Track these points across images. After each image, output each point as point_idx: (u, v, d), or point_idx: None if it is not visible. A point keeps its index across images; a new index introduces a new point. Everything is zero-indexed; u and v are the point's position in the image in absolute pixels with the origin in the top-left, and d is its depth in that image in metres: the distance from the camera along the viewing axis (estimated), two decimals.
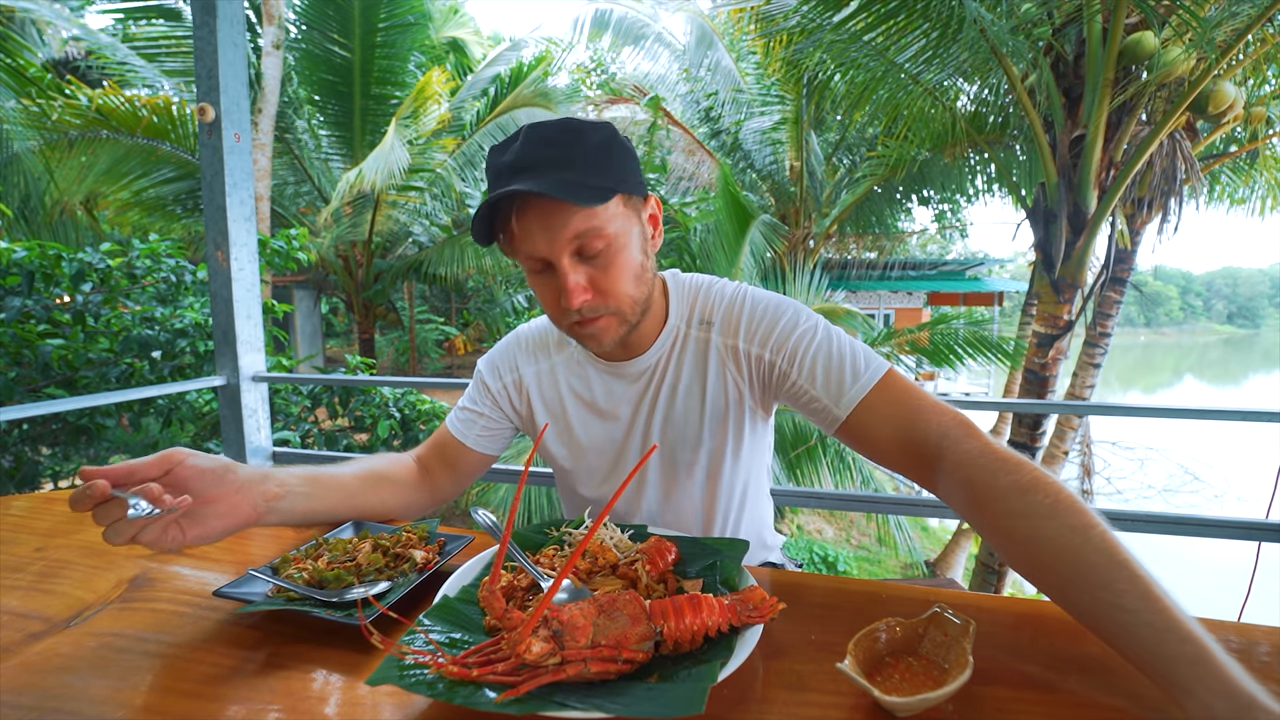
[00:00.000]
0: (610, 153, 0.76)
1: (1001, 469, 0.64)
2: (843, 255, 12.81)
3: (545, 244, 0.75)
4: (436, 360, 14.52)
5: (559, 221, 0.73)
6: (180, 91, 7.03)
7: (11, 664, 0.60)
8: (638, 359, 0.92)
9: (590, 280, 0.77)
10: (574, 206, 0.73)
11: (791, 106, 8.26)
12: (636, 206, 0.82)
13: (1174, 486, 8.69)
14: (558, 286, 0.77)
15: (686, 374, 0.92)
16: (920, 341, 4.86)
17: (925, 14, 3.61)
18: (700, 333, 0.91)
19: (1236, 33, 3.18)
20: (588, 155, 0.74)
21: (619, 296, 0.79)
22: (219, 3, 1.99)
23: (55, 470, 3.39)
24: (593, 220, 0.74)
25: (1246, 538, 1.49)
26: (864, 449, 0.81)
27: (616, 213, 0.77)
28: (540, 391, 0.99)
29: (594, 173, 0.74)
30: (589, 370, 0.96)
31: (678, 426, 0.93)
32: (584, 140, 0.75)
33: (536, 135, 0.74)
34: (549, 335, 1.00)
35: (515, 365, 1.00)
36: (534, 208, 0.74)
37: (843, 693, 0.54)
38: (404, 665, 0.52)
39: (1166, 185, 4.00)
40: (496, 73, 9.63)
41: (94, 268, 3.26)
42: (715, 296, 0.92)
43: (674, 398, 0.92)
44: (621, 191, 0.77)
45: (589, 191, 0.72)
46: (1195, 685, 0.45)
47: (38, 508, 1.06)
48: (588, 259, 0.77)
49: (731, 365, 0.89)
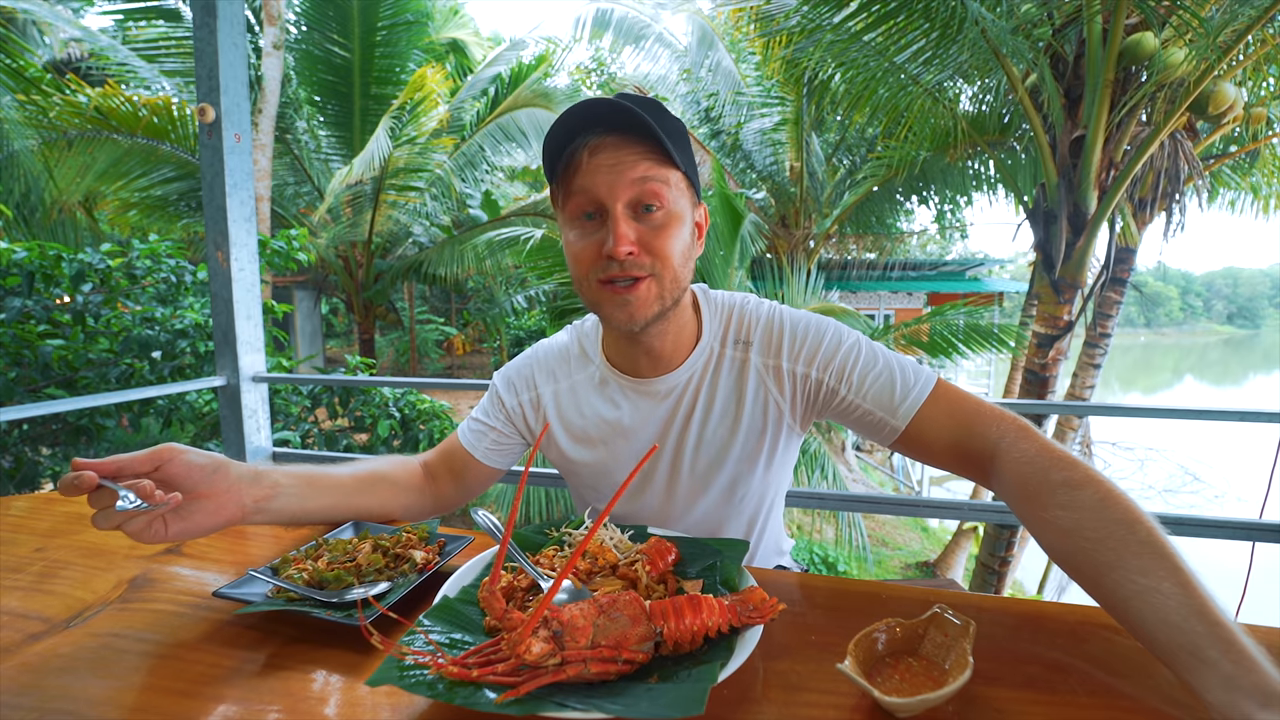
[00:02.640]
0: (685, 136, 0.80)
1: (1055, 466, 0.66)
2: (843, 256, 12.81)
3: (607, 185, 0.74)
4: (436, 360, 14.53)
5: (628, 164, 0.74)
6: (180, 92, 7.03)
7: (11, 664, 0.60)
8: (667, 376, 0.89)
9: (640, 237, 0.76)
10: (646, 154, 0.74)
11: (792, 107, 8.26)
12: (692, 200, 0.83)
13: (1174, 487, 8.68)
14: (602, 238, 0.76)
15: (722, 394, 0.89)
16: (919, 334, 4.83)
17: (925, 14, 3.61)
18: (737, 353, 0.90)
19: (1237, 33, 3.18)
20: (669, 126, 0.77)
21: (664, 260, 0.77)
22: (219, 3, 2.00)
23: (55, 470, 3.39)
24: (659, 178, 0.75)
25: (1245, 538, 1.49)
26: (920, 455, 0.83)
27: (679, 187, 0.79)
28: (559, 411, 0.95)
29: (671, 140, 0.75)
30: (613, 388, 0.92)
31: (711, 446, 0.90)
32: (667, 117, 0.78)
33: (624, 97, 0.75)
34: (570, 352, 0.97)
35: (533, 383, 0.97)
36: (609, 147, 0.74)
37: (843, 693, 0.54)
38: (404, 666, 0.52)
39: (1168, 186, 4.00)
40: (496, 73, 9.64)
41: (94, 268, 3.26)
42: (751, 316, 0.91)
43: (708, 418, 0.89)
44: (688, 175, 0.79)
45: (666, 149, 0.74)
46: (1224, 663, 0.45)
47: (38, 508, 1.06)
48: (642, 215, 0.76)
49: (773, 385, 0.88)
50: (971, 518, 1.86)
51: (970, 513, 1.90)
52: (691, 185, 0.82)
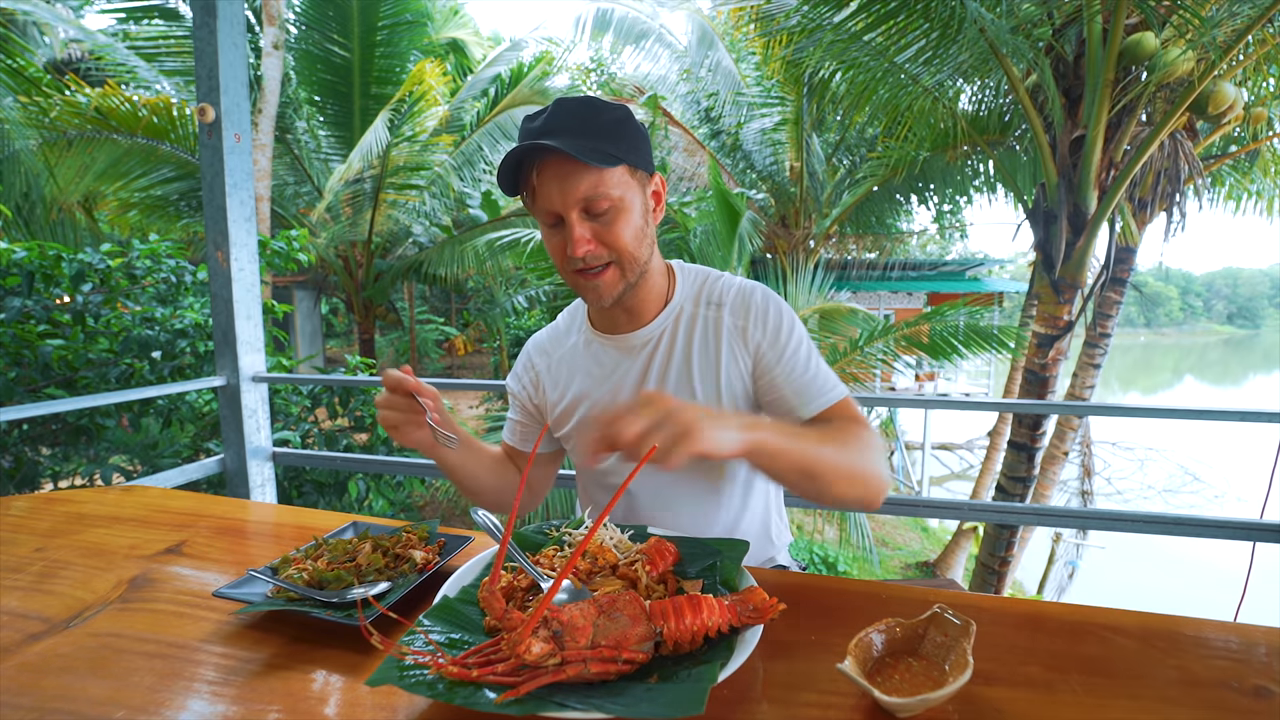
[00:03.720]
0: (623, 128, 0.87)
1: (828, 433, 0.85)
2: (843, 255, 12.81)
3: (559, 199, 0.85)
4: (436, 360, 14.53)
5: (572, 181, 0.84)
6: (180, 91, 7.03)
7: (11, 664, 0.60)
8: (640, 330, 1.00)
9: (594, 234, 0.87)
10: (586, 167, 0.83)
11: (792, 107, 8.26)
12: (642, 180, 0.91)
13: (1174, 487, 8.69)
14: (565, 239, 0.87)
15: (698, 350, 0.98)
16: (919, 336, 4.82)
17: (925, 14, 3.61)
18: (710, 312, 0.99)
19: (1237, 33, 3.18)
20: (603, 127, 0.85)
21: (619, 249, 0.88)
22: (219, 3, 2.00)
23: (55, 470, 3.38)
24: (600, 184, 0.84)
25: (1245, 538, 1.49)
26: None
27: (622, 180, 0.87)
28: (552, 376, 1.07)
29: (606, 142, 0.84)
30: (596, 347, 1.04)
31: (684, 397, 0.97)
32: (601, 115, 0.86)
33: (562, 106, 0.85)
34: (558, 328, 1.10)
35: (532, 365, 1.10)
36: (552, 166, 0.84)
37: (843, 693, 0.54)
38: (404, 666, 0.52)
39: (1168, 186, 4.00)
40: (496, 73, 9.63)
41: (94, 268, 3.26)
42: (725, 283, 1.01)
43: (687, 371, 0.98)
44: (628, 162, 0.87)
45: (599, 155, 0.82)
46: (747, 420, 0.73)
47: (38, 508, 1.06)
48: (594, 216, 0.87)
49: (740, 346, 0.97)
50: (971, 518, 1.86)
51: (970, 513, 1.90)
52: (637, 167, 0.89)
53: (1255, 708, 0.53)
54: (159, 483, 2.10)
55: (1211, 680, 0.57)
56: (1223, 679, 0.57)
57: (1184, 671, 0.58)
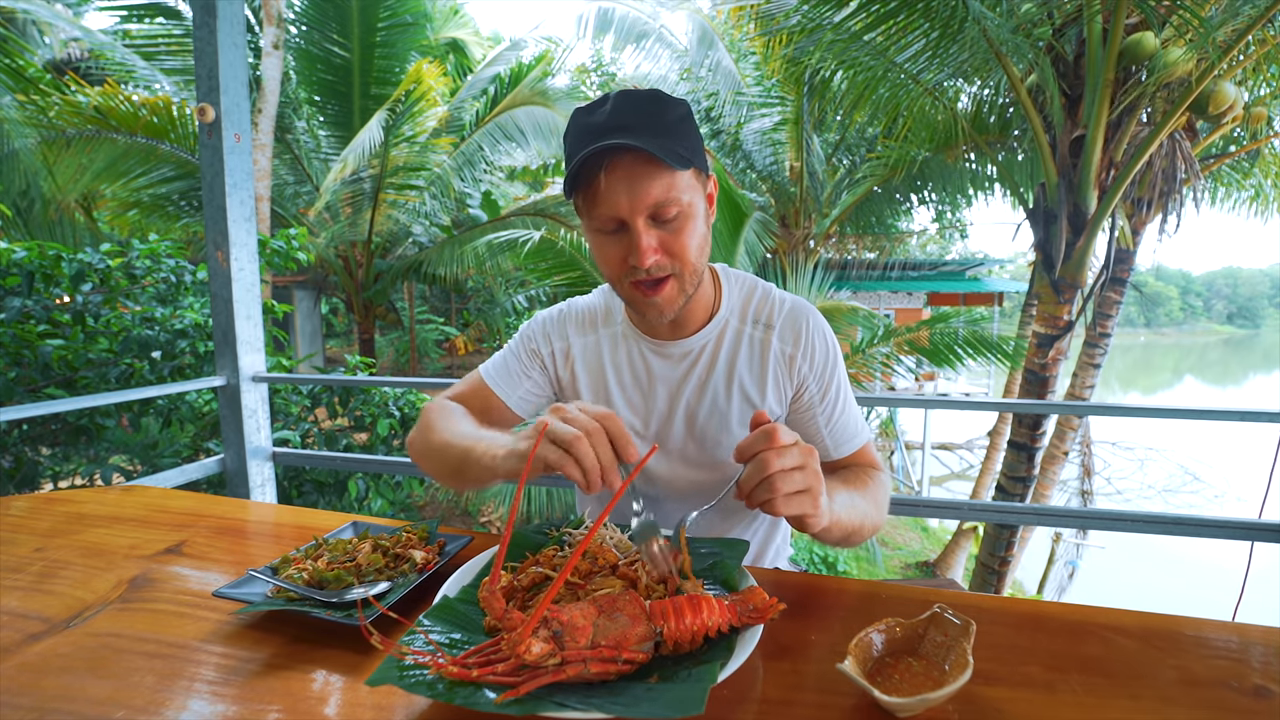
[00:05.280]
0: (687, 126, 0.81)
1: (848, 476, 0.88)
2: (843, 255, 12.80)
3: (627, 203, 0.78)
4: (436, 360, 14.51)
5: (643, 184, 0.77)
6: (180, 91, 7.02)
7: (11, 664, 0.60)
8: (684, 340, 0.95)
9: (660, 242, 0.81)
10: (658, 170, 0.77)
11: (792, 107, 8.25)
12: (703, 182, 0.86)
13: (1174, 487, 8.69)
14: (627, 246, 0.81)
15: (743, 370, 0.95)
16: (919, 340, 4.84)
17: (925, 13, 3.60)
18: (757, 332, 0.96)
19: (1237, 33, 3.18)
20: (673, 124, 0.79)
21: (684, 259, 0.83)
22: (219, 3, 2.00)
23: (55, 470, 3.38)
24: (672, 188, 0.79)
25: (1245, 538, 1.49)
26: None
27: (690, 183, 0.82)
28: (585, 363, 1.01)
29: (679, 141, 0.78)
30: (634, 346, 0.98)
31: (721, 413, 0.95)
32: (670, 110, 0.80)
33: (628, 100, 0.78)
34: (596, 310, 1.03)
35: (566, 334, 1.02)
36: (623, 166, 0.77)
37: (843, 693, 0.54)
38: (404, 665, 0.52)
39: (1166, 185, 4.00)
40: (496, 73, 9.62)
41: (94, 268, 3.25)
42: (775, 301, 0.97)
43: (728, 389, 0.94)
44: (696, 165, 0.82)
45: (675, 157, 0.77)
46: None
47: (38, 508, 1.06)
48: (661, 224, 0.81)
49: (785, 374, 0.95)
50: (971, 518, 1.86)
51: (970, 513, 1.90)
52: (701, 170, 0.84)
53: (1255, 708, 0.53)
54: (159, 483, 2.10)
55: (1211, 680, 0.57)
56: (1223, 679, 0.57)
57: (1184, 671, 0.58)
